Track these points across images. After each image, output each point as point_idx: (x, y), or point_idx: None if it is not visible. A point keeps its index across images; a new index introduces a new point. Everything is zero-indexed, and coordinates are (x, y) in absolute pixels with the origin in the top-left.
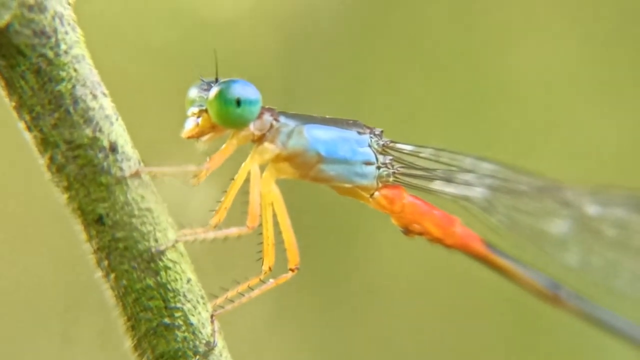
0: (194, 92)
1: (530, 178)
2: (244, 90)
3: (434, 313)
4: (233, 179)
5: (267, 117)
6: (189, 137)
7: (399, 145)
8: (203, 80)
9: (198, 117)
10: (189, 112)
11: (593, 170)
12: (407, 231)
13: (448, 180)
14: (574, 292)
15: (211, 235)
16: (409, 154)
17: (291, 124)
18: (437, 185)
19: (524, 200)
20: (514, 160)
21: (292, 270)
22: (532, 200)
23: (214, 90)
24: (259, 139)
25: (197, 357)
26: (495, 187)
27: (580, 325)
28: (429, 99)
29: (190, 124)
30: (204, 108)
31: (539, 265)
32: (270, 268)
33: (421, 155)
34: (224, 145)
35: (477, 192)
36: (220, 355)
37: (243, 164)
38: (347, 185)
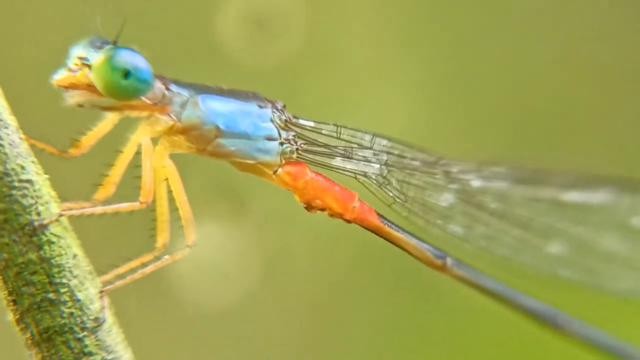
0: (81, 47)
1: (422, 154)
2: (133, 60)
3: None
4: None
5: (158, 85)
6: (59, 85)
7: (301, 121)
8: (96, 38)
9: (78, 70)
10: (69, 63)
11: None
12: (309, 207)
13: (348, 157)
14: (458, 261)
15: (99, 209)
16: (312, 130)
17: (185, 93)
18: (337, 161)
19: (416, 175)
20: None
21: (189, 247)
22: (424, 175)
23: (101, 55)
24: (150, 109)
25: (85, 332)
26: (391, 162)
27: (467, 291)
28: None
29: (65, 72)
30: (87, 63)
31: (428, 236)
32: (164, 245)
33: (323, 131)
34: (108, 114)
35: (373, 168)
36: (110, 330)
37: (132, 136)
38: (248, 162)
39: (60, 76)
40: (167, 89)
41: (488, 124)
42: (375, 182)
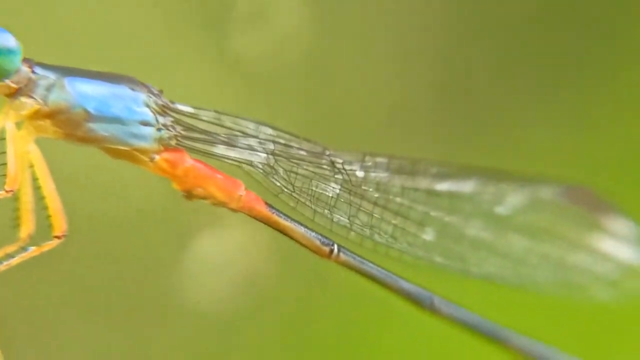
0: None
1: (309, 144)
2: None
3: None
4: None
5: (23, 67)
6: None
7: (179, 107)
8: None
9: None
10: None
11: None
12: (190, 196)
13: (231, 144)
14: (344, 248)
15: None
16: (190, 116)
17: (51, 76)
18: (220, 149)
19: (303, 164)
20: None
21: (57, 237)
22: (310, 165)
23: None
24: (13, 93)
25: None
26: (277, 152)
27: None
28: None
29: None
30: None
31: (314, 225)
32: (29, 235)
33: (203, 118)
34: None
35: (259, 157)
36: None
37: None
38: (122, 148)
39: None
40: (33, 71)
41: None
42: (262, 171)
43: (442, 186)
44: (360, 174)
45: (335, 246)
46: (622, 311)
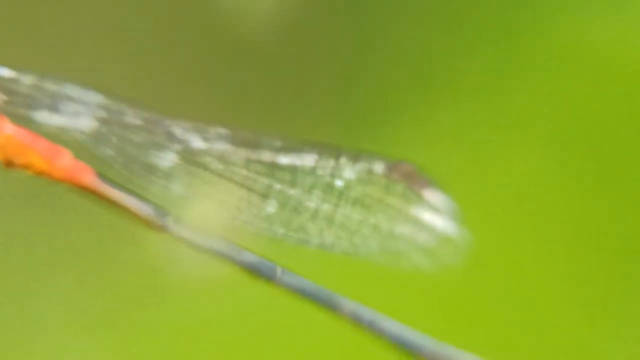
0: None
1: (139, 110)
2: None
3: None
4: None
5: None
6: None
7: None
8: None
9: None
10: None
11: None
12: (9, 165)
13: (56, 110)
14: (183, 222)
15: None
16: (10, 80)
17: None
18: (43, 115)
19: (134, 133)
20: None
21: None
22: (142, 132)
23: None
24: None
25: None
26: (106, 119)
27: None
28: None
29: None
30: None
31: (149, 195)
32: None
33: (24, 82)
34: None
35: (86, 124)
36: None
37: None
38: None
39: None
40: None
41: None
42: (92, 139)
43: (285, 160)
44: (200, 145)
45: (171, 218)
46: (438, 276)
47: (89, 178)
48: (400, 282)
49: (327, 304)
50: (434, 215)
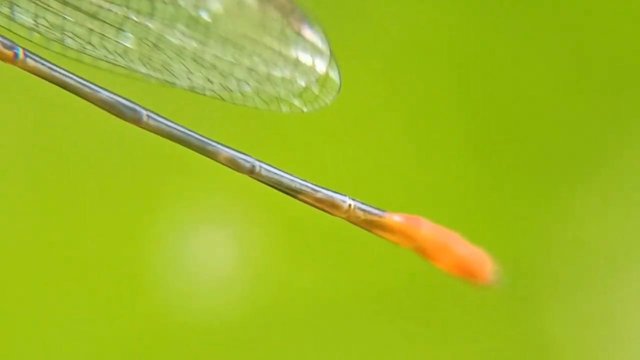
0: None
1: None
2: None
3: None
4: None
5: None
6: None
7: None
8: None
9: None
10: None
11: None
12: None
13: None
14: (35, 54)
15: None
16: None
17: None
18: None
19: None
20: None
21: None
22: None
23: None
24: None
25: None
26: None
27: None
28: None
29: None
30: None
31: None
32: None
33: None
34: None
35: None
36: None
37: None
38: None
39: None
40: None
41: None
42: None
43: None
44: None
45: (21, 50)
46: (312, 115)
47: None
48: (270, 124)
49: (200, 150)
50: (311, 55)
